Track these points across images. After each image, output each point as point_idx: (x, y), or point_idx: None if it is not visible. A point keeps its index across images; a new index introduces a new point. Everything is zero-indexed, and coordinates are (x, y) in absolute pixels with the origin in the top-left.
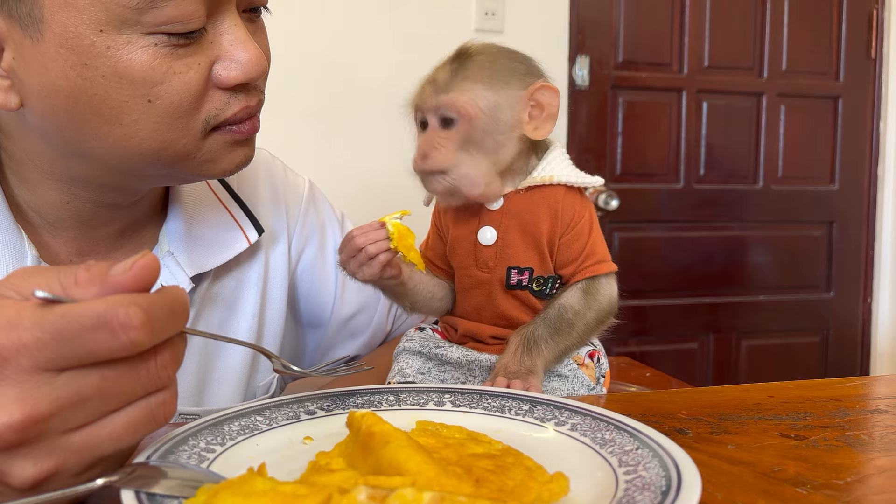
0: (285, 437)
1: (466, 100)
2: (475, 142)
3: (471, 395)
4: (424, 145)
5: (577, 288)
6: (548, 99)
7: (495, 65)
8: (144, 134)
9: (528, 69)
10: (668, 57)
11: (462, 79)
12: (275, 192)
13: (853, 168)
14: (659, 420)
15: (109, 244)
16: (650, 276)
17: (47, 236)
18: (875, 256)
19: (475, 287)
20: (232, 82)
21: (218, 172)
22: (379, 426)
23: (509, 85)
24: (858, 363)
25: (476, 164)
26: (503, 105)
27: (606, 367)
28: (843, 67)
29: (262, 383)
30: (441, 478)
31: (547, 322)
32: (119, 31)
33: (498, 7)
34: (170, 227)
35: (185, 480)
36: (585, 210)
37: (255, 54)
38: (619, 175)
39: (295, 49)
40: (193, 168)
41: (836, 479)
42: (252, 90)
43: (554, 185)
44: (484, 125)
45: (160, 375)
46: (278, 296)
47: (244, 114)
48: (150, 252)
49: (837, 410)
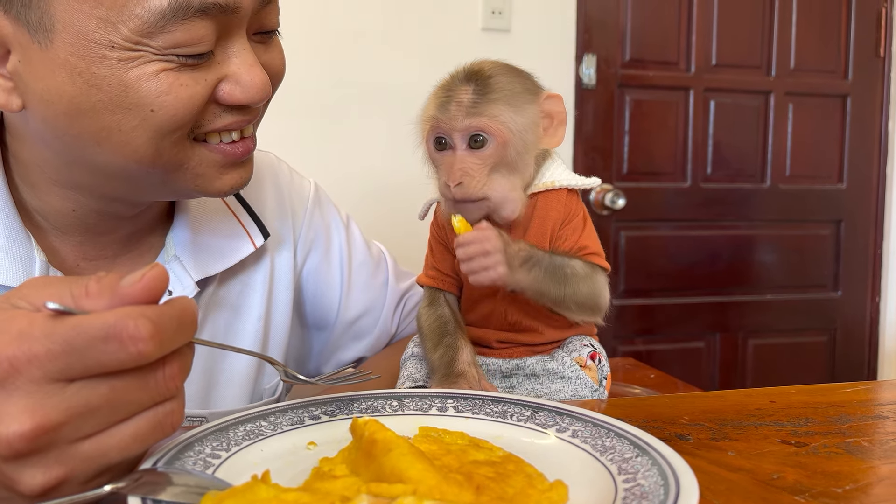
0: (290, 443)
1: (500, 123)
2: (508, 164)
3: (473, 400)
4: (457, 171)
5: (581, 260)
6: (556, 107)
7: (513, 85)
8: (141, 141)
9: (534, 84)
10: (676, 55)
11: (490, 101)
12: (280, 195)
13: (861, 167)
14: (660, 426)
15: (116, 249)
16: (657, 275)
17: (54, 241)
18: (883, 256)
19: (485, 297)
20: (234, 102)
21: (213, 192)
22: (381, 433)
23: (528, 102)
24: (866, 363)
25: (513, 186)
26: (528, 125)
27: (608, 370)
28: (852, 66)
29: (269, 386)
30: (442, 485)
31: (552, 259)
32: (130, 49)
33: (505, 6)
34: (176, 232)
35: (191, 487)
36: (580, 209)
37: (260, 80)
38: (626, 174)
39: (299, 49)
40: (188, 182)
41: (834, 488)
42: (249, 110)
43: (557, 189)
44: (516, 147)
45: (168, 386)
46: (284, 299)
47: (235, 125)
48: (158, 264)
49: (839, 416)
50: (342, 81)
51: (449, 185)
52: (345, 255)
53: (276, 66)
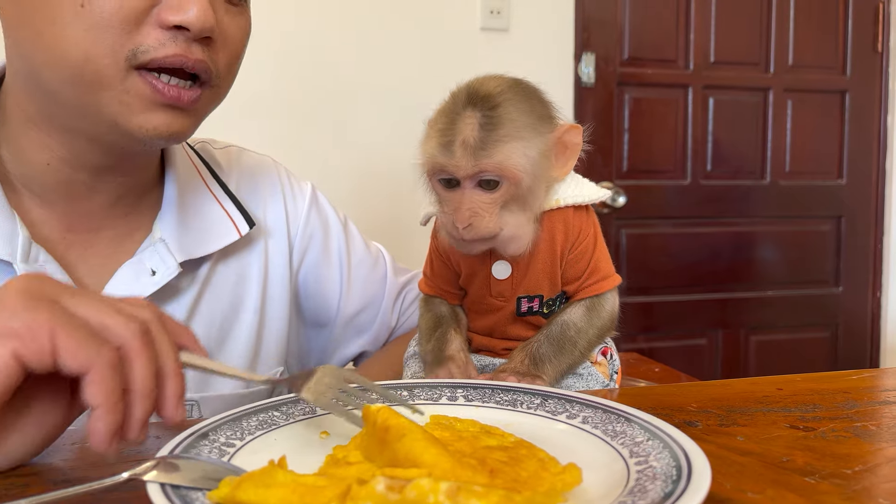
0: (302, 432)
1: (513, 164)
2: (519, 201)
3: (483, 389)
4: (466, 212)
5: (581, 305)
6: (573, 138)
7: (522, 116)
8: (72, 39)
9: (546, 109)
10: (674, 53)
11: (499, 140)
12: (275, 192)
13: (861, 162)
14: (669, 413)
15: (99, 219)
16: (658, 272)
17: (38, 212)
18: (884, 251)
19: (489, 312)
20: (170, 22)
21: (133, 127)
22: (394, 420)
23: (541, 134)
24: (868, 358)
25: (522, 223)
26: (539, 157)
27: (619, 364)
28: (850, 61)
29: (265, 375)
30: (456, 469)
31: (551, 339)
32: None
33: (503, 6)
34: (164, 216)
35: (208, 473)
36: (590, 226)
37: (201, 5)
38: (626, 172)
39: (296, 47)
40: (113, 107)
41: (844, 469)
42: (195, 45)
43: (563, 208)
44: (528, 184)
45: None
46: (279, 293)
47: (177, 60)
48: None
49: (846, 402)
50: (341, 81)
51: (458, 226)
52: (343, 254)
53: (232, 33)
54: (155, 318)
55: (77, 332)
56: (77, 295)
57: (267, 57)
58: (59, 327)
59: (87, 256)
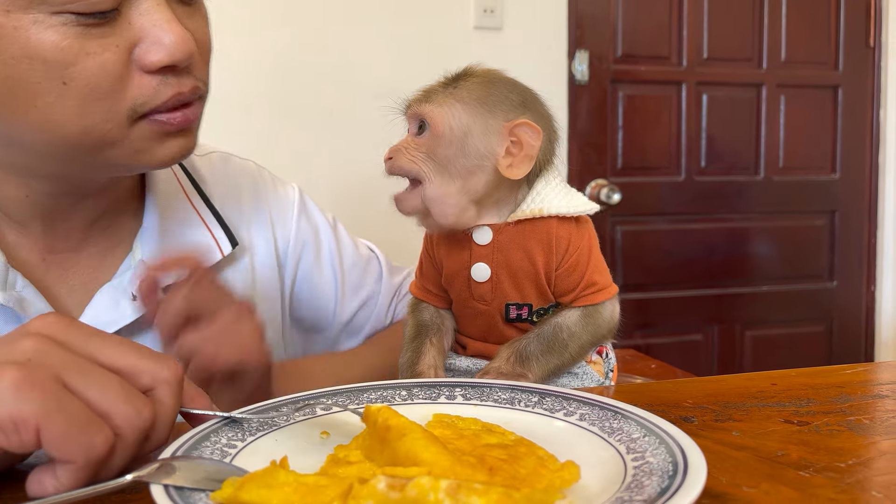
0: (303, 432)
1: (440, 114)
2: (441, 160)
3: (481, 388)
4: (394, 147)
5: (577, 309)
6: (528, 138)
7: (487, 90)
8: (64, 118)
9: (523, 102)
10: (668, 50)
11: (447, 94)
12: (259, 204)
13: (854, 157)
14: (665, 409)
15: (80, 238)
16: (653, 269)
17: (15, 237)
18: (877, 245)
19: (476, 316)
20: (156, 65)
21: (154, 164)
22: (395, 419)
23: (492, 114)
24: (862, 352)
25: (444, 185)
26: (475, 131)
27: (614, 362)
28: (843, 57)
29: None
30: (456, 467)
31: (541, 339)
32: (25, 10)
33: (496, 4)
34: (144, 235)
35: (211, 474)
36: (582, 238)
37: (178, 35)
38: (621, 169)
39: (292, 47)
40: (126, 158)
41: (838, 462)
42: (184, 75)
43: (545, 218)
44: (450, 144)
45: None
46: (267, 307)
47: (175, 101)
48: None
49: (839, 396)
50: (334, 80)
51: (384, 158)
52: (335, 258)
53: (200, 36)
54: (170, 393)
55: (67, 426)
56: (86, 370)
57: (260, 56)
58: (47, 419)
59: (66, 277)
